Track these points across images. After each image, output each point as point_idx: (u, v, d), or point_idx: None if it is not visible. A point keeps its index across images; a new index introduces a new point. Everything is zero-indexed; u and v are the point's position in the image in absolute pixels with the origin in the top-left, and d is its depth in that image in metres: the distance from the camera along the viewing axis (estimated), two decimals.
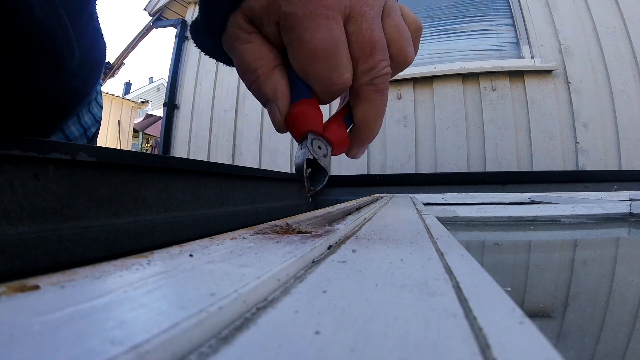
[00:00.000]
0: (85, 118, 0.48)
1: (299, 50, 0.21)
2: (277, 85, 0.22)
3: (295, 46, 0.21)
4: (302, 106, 0.22)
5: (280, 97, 0.22)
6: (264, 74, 0.22)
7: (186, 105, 2.46)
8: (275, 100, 0.22)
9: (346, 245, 0.18)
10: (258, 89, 0.23)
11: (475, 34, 1.95)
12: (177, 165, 0.52)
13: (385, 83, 0.22)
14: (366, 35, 0.21)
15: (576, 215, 0.60)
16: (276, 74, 0.22)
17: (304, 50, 0.21)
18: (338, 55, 0.20)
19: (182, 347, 0.07)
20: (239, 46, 0.23)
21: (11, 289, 0.09)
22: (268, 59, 0.22)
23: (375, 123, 0.23)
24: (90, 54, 0.43)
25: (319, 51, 0.20)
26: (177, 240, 0.44)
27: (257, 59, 0.22)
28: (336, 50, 0.20)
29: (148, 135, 7.52)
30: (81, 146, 0.36)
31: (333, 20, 0.20)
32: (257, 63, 0.22)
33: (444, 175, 1.48)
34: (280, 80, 0.22)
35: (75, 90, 0.43)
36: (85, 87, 0.45)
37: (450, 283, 0.12)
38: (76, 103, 0.45)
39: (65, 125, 0.45)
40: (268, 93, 0.22)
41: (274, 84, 0.22)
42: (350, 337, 0.08)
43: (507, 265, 0.37)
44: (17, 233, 0.31)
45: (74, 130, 0.46)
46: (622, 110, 1.66)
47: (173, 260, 0.13)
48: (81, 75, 0.43)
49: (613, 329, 0.20)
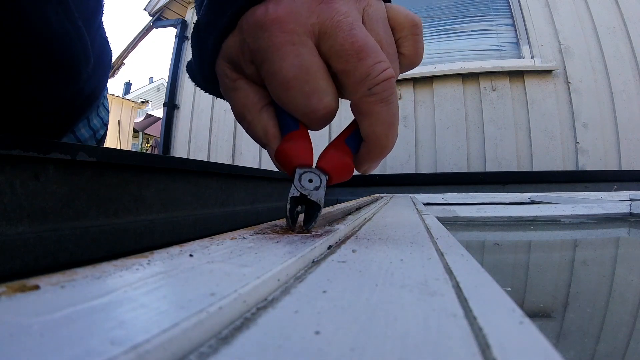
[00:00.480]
0: (94, 121, 0.50)
1: (272, 84, 0.20)
2: (267, 127, 0.22)
3: (269, 80, 0.20)
4: (287, 142, 0.21)
5: (271, 138, 0.22)
6: (253, 119, 0.22)
7: (186, 105, 2.46)
8: (268, 143, 0.22)
9: (346, 245, 0.18)
10: (252, 134, 0.23)
11: (475, 34, 1.95)
12: (177, 165, 0.52)
13: (389, 89, 0.19)
14: (346, 44, 0.19)
15: (576, 215, 0.60)
16: (263, 116, 0.22)
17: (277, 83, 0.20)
18: (311, 80, 0.19)
19: (182, 347, 0.07)
20: (230, 95, 0.23)
21: (11, 289, 0.09)
22: (254, 102, 0.22)
23: (387, 138, 0.20)
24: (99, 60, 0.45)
25: (289, 80, 0.19)
26: (177, 240, 0.44)
27: (244, 106, 0.22)
28: (308, 75, 0.19)
29: (148, 135, 7.52)
30: (81, 146, 0.36)
31: (300, 45, 0.19)
32: (245, 110, 0.22)
33: (444, 175, 1.48)
34: (268, 121, 0.22)
35: (87, 96, 0.45)
36: (95, 91, 0.47)
37: (450, 283, 0.12)
38: (87, 107, 0.47)
39: (76, 127, 0.47)
40: (261, 137, 0.22)
41: (264, 127, 0.22)
42: (350, 337, 0.08)
43: (507, 265, 0.37)
44: (17, 233, 0.31)
45: (84, 132, 0.48)
46: (622, 110, 1.66)
47: (173, 260, 0.13)
48: (93, 82, 0.44)
49: (613, 329, 0.20)
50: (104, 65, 0.47)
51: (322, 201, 0.20)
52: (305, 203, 0.21)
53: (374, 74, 0.19)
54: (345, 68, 0.19)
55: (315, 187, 0.20)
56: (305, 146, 0.21)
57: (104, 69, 0.48)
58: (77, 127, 0.47)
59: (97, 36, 0.43)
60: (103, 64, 0.47)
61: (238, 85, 0.22)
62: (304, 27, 0.19)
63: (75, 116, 0.45)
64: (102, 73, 0.47)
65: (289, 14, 0.19)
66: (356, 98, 0.19)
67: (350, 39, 0.19)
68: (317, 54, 0.19)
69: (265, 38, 0.19)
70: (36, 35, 0.30)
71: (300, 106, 0.20)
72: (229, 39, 0.22)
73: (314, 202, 0.20)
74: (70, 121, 0.45)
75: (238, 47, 0.21)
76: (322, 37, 0.19)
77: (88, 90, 0.44)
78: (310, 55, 0.19)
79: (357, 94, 0.19)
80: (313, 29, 0.19)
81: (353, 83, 0.19)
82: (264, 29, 0.19)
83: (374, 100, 0.19)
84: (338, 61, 0.19)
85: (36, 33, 0.30)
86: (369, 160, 0.22)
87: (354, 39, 0.19)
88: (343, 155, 0.21)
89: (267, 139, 0.22)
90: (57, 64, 0.33)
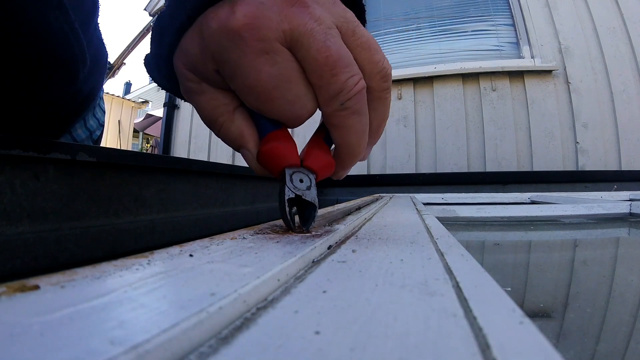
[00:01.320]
0: (90, 122, 0.50)
1: (249, 96, 0.19)
2: (242, 129, 0.21)
3: (244, 93, 0.19)
4: (271, 142, 0.20)
5: (248, 140, 0.21)
6: (225, 122, 0.21)
7: (186, 105, 2.46)
8: (245, 145, 0.21)
9: (346, 245, 0.18)
10: (224, 137, 0.22)
11: (475, 34, 1.95)
12: (177, 165, 0.52)
13: (360, 102, 0.19)
14: (320, 57, 0.18)
15: (576, 215, 0.60)
16: (237, 118, 0.21)
17: (254, 95, 0.19)
18: (293, 88, 0.18)
19: (182, 347, 0.07)
20: (194, 98, 0.21)
21: (11, 289, 0.09)
22: (224, 104, 0.21)
23: (358, 146, 0.21)
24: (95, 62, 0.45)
25: (270, 91, 0.18)
26: (177, 240, 0.44)
27: (214, 108, 0.21)
28: (289, 84, 0.18)
29: (148, 135, 7.52)
30: (81, 146, 0.36)
31: (273, 52, 0.18)
32: (215, 112, 0.21)
33: (444, 175, 1.48)
34: (242, 123, 0.21)
35: (84, 96, 0.45)
36: (92, 92, 0.47)
37: (450, 283, 0.12)
38: (84, 108, 0.47)
39: (73, 128, 0.47)
40: (236, 139, 0.21)
41: (239, 129, 0.21)
42: (350, 337, 0.08)
43: (507, 265, 0.37)
44: (17, 233, 0.31)
45: (81, 133, 0.48)
46: (622, 110, 1.66)
47: (173, 260, 0.13)
48: (89, 83, 0.45)
49: (613, 329, 0.20)
50: (100, 66, 0.47)
51: (317, 200, 0.20)
52: (299, 203, 0.20)
53: (347, 89, 0.18)
54: (318, 83, 0.18)
55: (307, 187, 0.20)
56: (292, 146, 0.20)
57: (100, 70, 0.48)
58: (73, 128, 0.47)
59: (93, 37, 0.43)
60: (99, 65, 0.47)
61: (203, 88, 0.21)
62: (275, 33, 0.17)
63: (73, 117, 0.46)
64: (98, 74, 0.47)
65: (258, 19, 0.17)
66: (329, 111, 0.19)
67: (324, 52, 0.18)
68: (293, 58, 0.18)
69: (234, 49, 0.18)
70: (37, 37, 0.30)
71: (284, 113, 0.19)
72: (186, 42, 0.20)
73: (309, 202, 0.20)
74: (68, 121, 0.45)
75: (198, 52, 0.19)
76: (294, 45, 0.18)
77: (85, 91, 0.45)
78: (287, 62, 0.18)
79: (330, 108, 0.19)
80: (285, 36, 0.18)
81: (326, 98, 0.19)
82: (231, 38, 0.18)
83: (346, 114, 0.19)
84: (311, 74, 0.18)
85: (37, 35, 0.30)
86: (341, 167, 0.22)
87: (328, 53, 0.18)
88: (325, 154, 0.22)
89: (243, 142, 0.21)
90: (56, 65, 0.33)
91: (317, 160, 0.21)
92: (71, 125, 0.46)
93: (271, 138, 0.20)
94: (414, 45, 1.99)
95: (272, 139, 0.20)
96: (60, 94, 0.38)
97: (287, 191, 0.19)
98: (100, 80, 0.50)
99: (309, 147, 0.22)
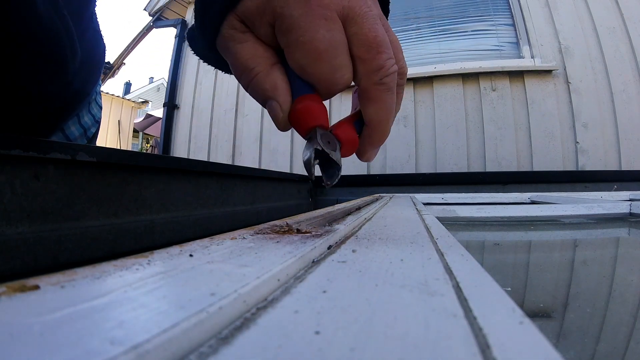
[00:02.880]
0: (85, 118, 0.48)
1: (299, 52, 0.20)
2: (277, 82, 0.22)
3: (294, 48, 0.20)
4: (307, 101, 0.21)
5: (281, 93, 0.22)
6: (262, 72, 0.22)
7: (186, 105, 2.46)
8: (276, 97, 0.22)
9: (346, 245, 0.18)
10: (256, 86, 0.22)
11: (475, 34, 1.95)
12: (177, 165, 0.52)
13: (394, 81, 0.22)
14: (370, 35, 0.20)
15: (576, 215, 0.60)
16: (275, 71, 0.22)
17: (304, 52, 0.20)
18: (339, 55, 0.20)
19: (182, 347, 0.07)
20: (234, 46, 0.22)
21: (11, 289, 0.09)
22: (265, 57, 0.22)
23: (387, 123, 0.23)
24: (90, 54, 0.43)
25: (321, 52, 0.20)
26: (177, 240, 0.44)
27: (253, 57, 0.22)
28: (337, 50, 0.20)
29: (148, 135, 7.52)
30: (81, 146, 0.36)
31: (331, 20, 0.20)
32: (253, 61, 0.22)
33: (444, 175, 1.48)
34: (279, 76, 0.22)
35: (76, 91, 0.44)
36: (86, 87, 0.46)
37: (450, 283, 0.12)
38: (77, 103, 0.45)
39: (66, 125, 0.45)
40: (268, 90, 0.22)
41: (273, 81, 0.22)
42: (350, 337, 0.08)
43: (507, 265, 0.37)
44: (17, 233, 0.31)
45: (74, 130, 0.46)
46: (622, 110, 1.66)
47: (173, 260, 0.13)
48: (82, 76, 0.43)
49: (613, 329, 0.20)
50: (95, 59, 0.45)
51: (341, 161, 0.22)
52: (323, 160, 0.21)
53: (387, 67, 0.21)
54: (363, 56, 0.20)
55: (333, 149, 0.21)
56: (323, 110, 0.22)
57: (95, 63, 0.46)
58: (66, 125, 0.45)
59: (89, 28, 0.42)
60: (94, 58, 0.45)
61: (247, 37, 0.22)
62: (336, 5, 0.20)
63: (65, 113, 0.44)
64: (93, 67, 0.45)
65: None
66: (367, 84, 0.21)
67: (374, 32, 0.20)
68: (343, 31, 0.20)
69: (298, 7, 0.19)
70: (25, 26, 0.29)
71: (325, 78, 0.21)
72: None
73: (334, 161, 0.21)
74: (59, 118, 0.44)
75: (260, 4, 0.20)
76: (348, 21, 0.20)
77: (77, 85, 0.43)
78: (340, 32, 0.20)
79: (369, 81, 0.21)
80: (343, 11, 0.20)
81: (368, 71, 0.21)
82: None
83: (383, 89, 0.21)
84: (359, 48, 0.20)
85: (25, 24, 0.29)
86: (370, 144, 0.24)
87: (377, 33, 0.20)
88: (353, 131, 0.23)
89: (276, 94, 0.22)
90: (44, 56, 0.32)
91: (345, 133, 0.23)
92: (63, 121, 0.44)
93: (307, 98, 0.21)
94: (414, 45, 1.99)
95: (308, 99, 0.21)
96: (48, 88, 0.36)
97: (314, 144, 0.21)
98: (96, 74, 0.47)
99: (339, 123, 0.23)
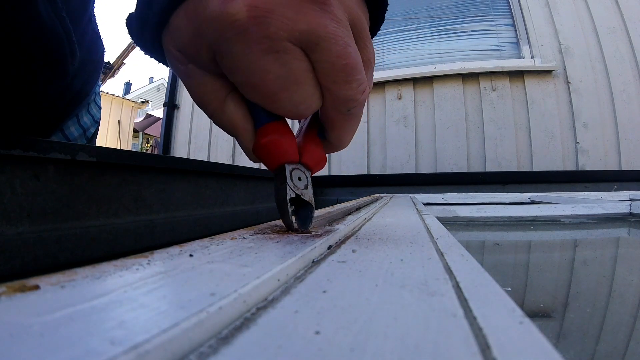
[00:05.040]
0: (84, 119, 0.48)
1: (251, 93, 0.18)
2: (234, 119, 0.19)
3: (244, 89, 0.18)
4: (271, 135, 0.19)
5: (241, 130, 0.20)
6: (216, 109, 0.19)
7: (186, 105, 2.46)
8: (237, 135, 0.20)
9: (346, 245, 0.18)
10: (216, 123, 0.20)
11: (475, 34, 1.95)
12: (177, 165, 0.52)
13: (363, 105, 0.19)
14: (338, 64, 0.16)
15: (576, 215, 0.60)
16: (229, 106, 0.19)
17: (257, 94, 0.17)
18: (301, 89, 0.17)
19: (182, 347, 0.07)
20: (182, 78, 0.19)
21: (11, 289, 0.09)
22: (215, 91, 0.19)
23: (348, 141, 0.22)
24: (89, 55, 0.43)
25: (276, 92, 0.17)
26: (177, 240, 0.44)
27: (204, 94, 0.19)
28: (297, 85, 0.17)
29: (148, 135, 7.52)
30: (81, 146, 0.36)
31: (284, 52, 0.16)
32: (205, 99, 0.19)
33: (444, 175, 1.48)
34: (235, 111, 0.19)
35: (76, 92, 0.44)
36: (85, 88, 0.46)
37: (450, 283, 0.12)
38: (76, 104, 0.45)
39: (65, 125, 0.45)
40: (227, 127, 0.20)
41: (229, 118, 0.19)
42: (350, 337, 0.08)
43: (507, 265, 0.37)
44: (17, 233, 0.31)
45: (74, 130, 0.47)
46: (622, 110, 1.66)
47: (173, 260, 0.13)
48: (81, 77, 0.43)
49: (613, 329, 0.20)
50: (94, 60, 0.45)
51: (313, 199, 0.20)
52: (297, 203, 0.20)
53: (356, 97, 0.18)
54: (330, 87, 0.17)
55: (305, 186, 0.20)
56: (292, 140, 0.20)
57: (94, 65, 0.46)
58: (66, 125, 0.45)
59: (87, 30, 0.42)
60: (94, 60, 0.45)
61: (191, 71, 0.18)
62: (288, 34, 0.15)
63: (64, 114, 0.44)
64: (92, 68, 0.45)
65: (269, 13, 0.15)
66: (334, 114, 0.19)
67: (344, 59, 0.16)
68: (304, 57, 0.17)
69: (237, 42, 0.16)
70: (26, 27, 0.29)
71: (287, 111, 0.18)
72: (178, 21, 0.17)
73: (307, 202, 0.20)
74: (59, 119, 0.44)
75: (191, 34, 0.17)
76: (311, 47, 0.16)
77: (76, 86, 0.42)
78: (298, 62, 0.16)
79: (336, 111, 0.19)
80: (300, 37, 0.16)
81: (335, 102, 0.18)
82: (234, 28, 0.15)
83: (349, 117, 0.19)
84: (324, 78, 0.17)
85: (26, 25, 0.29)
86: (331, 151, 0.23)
87: (348, 60, 0.17)
88: (321, 150, 0.22)
89: (236, 131, 0.20)
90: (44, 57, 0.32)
91: (314, 157, 0.21)
92: (62, 122, 0.44)
93: (270, 131, 0.19)
94: (414, 45, 1.99)
95: (272, 132, 0.19)
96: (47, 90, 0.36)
97: (288, 190, 0.19)
98: (95, 75, 0.47)
99: (304, 141, 0.21)
